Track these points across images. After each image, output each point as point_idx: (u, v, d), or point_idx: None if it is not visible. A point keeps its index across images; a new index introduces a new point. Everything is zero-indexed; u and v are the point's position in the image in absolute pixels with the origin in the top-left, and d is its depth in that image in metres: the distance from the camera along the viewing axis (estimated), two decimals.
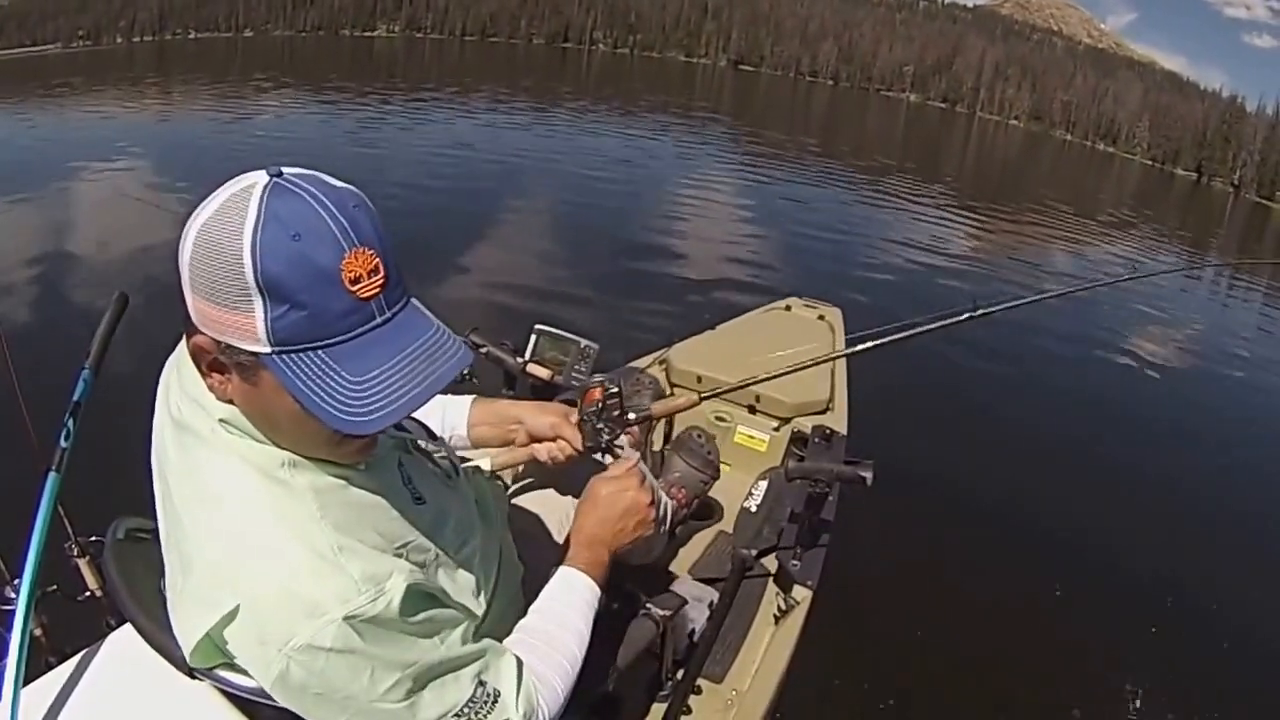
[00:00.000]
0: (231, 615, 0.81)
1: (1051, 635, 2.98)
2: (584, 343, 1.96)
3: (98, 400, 1.32)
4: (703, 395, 1.65)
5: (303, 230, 0.73)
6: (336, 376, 0.75)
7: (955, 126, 68.70)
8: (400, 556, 0.89)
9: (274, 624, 0.80)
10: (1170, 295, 9.90)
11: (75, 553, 1.41)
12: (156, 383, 0.91)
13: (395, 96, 20.87)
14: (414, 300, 0.82)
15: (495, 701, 0.92)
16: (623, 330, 4.67)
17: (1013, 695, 2.69)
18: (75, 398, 1.30)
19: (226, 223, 0.73)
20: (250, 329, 0.74)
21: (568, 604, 1.11)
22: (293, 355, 0.75)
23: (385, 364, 0.76)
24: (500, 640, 1.02)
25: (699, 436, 2.24)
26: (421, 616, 0.86)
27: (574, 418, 1.33)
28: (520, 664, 0.98)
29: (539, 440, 1.34)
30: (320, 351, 0.75)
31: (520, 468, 1.56)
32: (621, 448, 1.34)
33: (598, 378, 1.47)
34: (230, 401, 0.83)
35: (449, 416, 1.38)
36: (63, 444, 1.27)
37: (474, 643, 0.94)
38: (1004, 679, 2.75)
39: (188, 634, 0.86)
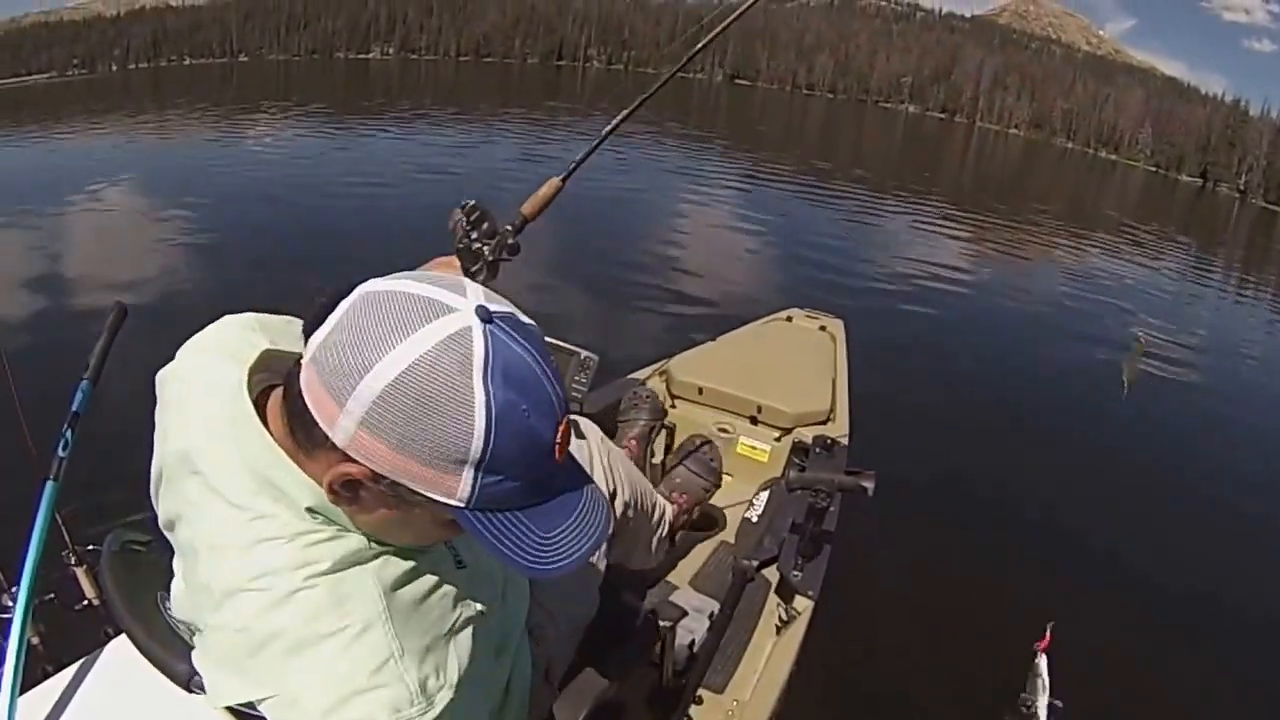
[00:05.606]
0: (272, 697, 0.77)
1: (1058, 645, 2.93)
2: (584, 354, 1.94)
3: (96, 411, 1.33)
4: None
5: (530, 404, 0.69)
6: (528, 534, 0.74)
7: (954, 137, 68.72)
8: (450, 644, 0.84)
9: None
10: (1171, 298, 9.86)
11: (73, 561, 1.42)
12: (155, 394, 0.88)
13: (394, 117, 21.00)
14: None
15: None
16: (623, 342, 4.65)
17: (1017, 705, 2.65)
18: (74, 408, 1.31)
19: (447, 379, 0.66)
20: (449, 487, 0.70)
21: None
22: (487, 514, 0.73)
23: (568, 520, 0.77)
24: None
25: (702, 444, 2.25)
26: None
27: (455, 261, 1.31)
28: None
29: None
30: (516, 512, 0.74)
31: None
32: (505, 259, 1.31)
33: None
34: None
35: None
36: (61, 454, 1.28)
37: None
38: (1008, 689, 2.70)
39: (220, 695, 0.81)
